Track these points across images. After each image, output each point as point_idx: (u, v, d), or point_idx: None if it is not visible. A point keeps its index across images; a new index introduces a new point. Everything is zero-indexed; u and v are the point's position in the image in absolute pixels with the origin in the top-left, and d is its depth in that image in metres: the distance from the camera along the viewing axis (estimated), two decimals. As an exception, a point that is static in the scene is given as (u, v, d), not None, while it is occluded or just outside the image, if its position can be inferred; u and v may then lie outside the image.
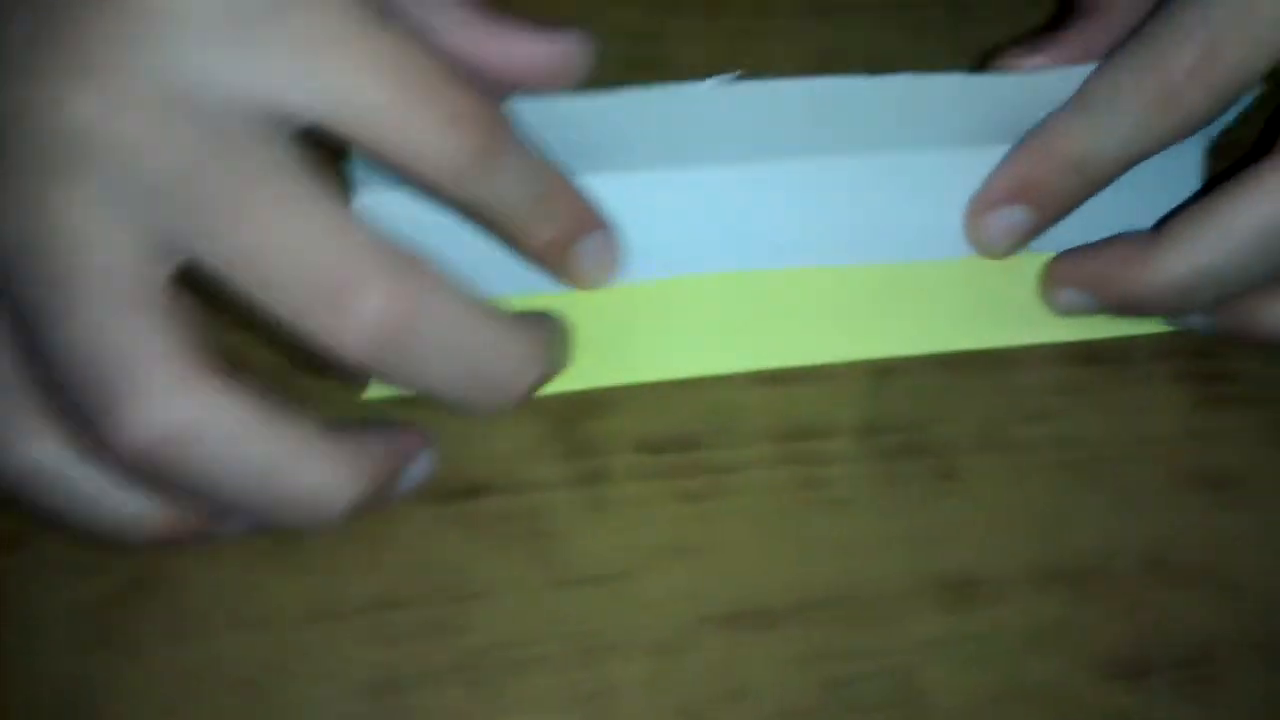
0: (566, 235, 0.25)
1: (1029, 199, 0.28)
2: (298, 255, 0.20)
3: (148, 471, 0.21)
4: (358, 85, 0.21)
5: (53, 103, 0.20)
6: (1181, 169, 0.29)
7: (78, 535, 0.23)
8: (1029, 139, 0.28)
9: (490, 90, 0.23)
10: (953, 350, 0.29)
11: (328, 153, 0.23)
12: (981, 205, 0.28)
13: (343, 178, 0.25)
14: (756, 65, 0.27)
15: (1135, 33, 0.26)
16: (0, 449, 0.22)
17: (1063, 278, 0.28)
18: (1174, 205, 0.28)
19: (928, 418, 0.28)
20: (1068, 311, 0.29)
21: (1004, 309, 0.29)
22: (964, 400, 0.28)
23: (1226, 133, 0.29)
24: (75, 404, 0.21)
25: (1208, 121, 0.26)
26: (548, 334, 0.25)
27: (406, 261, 0.21)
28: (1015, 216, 0.28)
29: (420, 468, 0.25)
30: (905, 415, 0.28)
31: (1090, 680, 0.26)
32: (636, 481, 0.27)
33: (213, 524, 0.24)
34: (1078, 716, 0.26)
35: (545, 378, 0.25)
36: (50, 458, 0.22)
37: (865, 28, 0.32)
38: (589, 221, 0.26)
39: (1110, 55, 0.26)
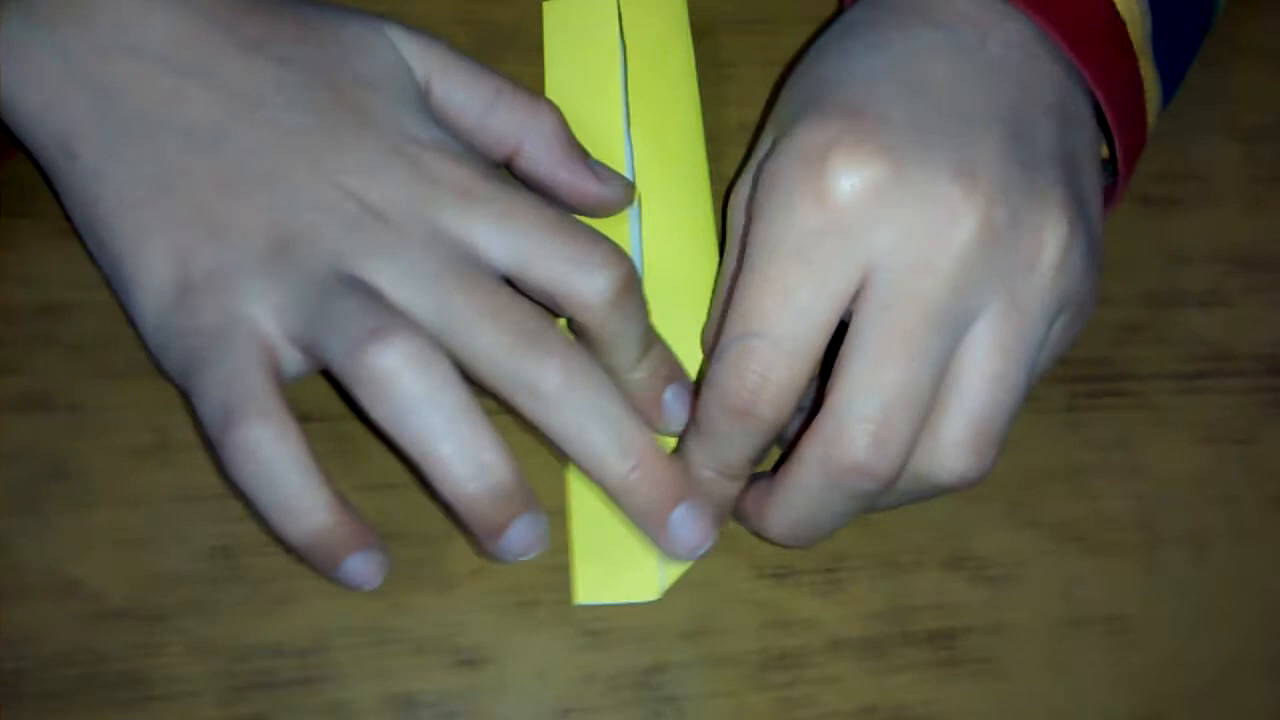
0: (658, 380, 0.32)
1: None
2: (500, 315, 0.29)
3: (378, 385, 0.27)
4: (539, 241, 0.30)
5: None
6: None
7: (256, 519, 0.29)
8: (680, 448, 0.32)
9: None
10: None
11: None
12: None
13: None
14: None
15: (709, 357, 0.33)
16: (230, 423, 0.27)
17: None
18: None
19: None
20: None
21: None
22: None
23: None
24: (343, 335, 0.27)
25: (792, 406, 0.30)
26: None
27: (576, 344, 0.29)
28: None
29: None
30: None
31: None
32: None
33: (356, 548, 0.29)
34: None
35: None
36: (266, 437, 0.27)
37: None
38: (674, 373, 0.33)
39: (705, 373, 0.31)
